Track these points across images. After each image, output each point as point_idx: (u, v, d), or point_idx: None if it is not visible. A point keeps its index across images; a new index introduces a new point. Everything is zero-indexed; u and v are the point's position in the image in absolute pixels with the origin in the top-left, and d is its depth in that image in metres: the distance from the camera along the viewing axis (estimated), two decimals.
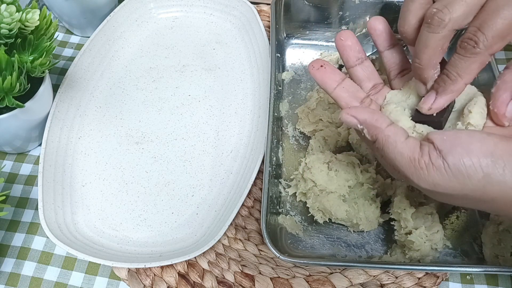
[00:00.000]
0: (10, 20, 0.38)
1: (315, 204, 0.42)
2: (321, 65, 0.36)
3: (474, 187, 0.28)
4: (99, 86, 0.53)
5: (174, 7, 0.59)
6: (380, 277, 0.41)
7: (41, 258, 0.43)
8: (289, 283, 0.41)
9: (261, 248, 0.44)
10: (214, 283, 0.41)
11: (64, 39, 0.59)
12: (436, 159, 0.28)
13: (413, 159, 0.29)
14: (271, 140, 0.44)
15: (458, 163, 0.28)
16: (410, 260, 0.40)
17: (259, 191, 0.46)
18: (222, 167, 0.47)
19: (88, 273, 0.42)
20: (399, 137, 0.30)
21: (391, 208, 0.42)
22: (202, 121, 0.51)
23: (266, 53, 0.52)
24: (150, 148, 0.49)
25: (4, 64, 0.39)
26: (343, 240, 0.43)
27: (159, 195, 0.46)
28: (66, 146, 0.48)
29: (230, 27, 0.58)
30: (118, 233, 0.43)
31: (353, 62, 0.37)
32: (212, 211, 0.44)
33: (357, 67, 0.37)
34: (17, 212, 0.45)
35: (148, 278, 0.41)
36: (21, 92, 0.40)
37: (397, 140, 0.30)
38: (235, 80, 0.54)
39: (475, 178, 0.28)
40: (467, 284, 0.41)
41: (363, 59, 0.37)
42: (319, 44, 0.57)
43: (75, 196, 0.45)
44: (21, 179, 0.47)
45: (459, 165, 0.28)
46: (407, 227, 0.40)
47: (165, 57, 0.56)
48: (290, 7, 0.55)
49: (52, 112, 0.47)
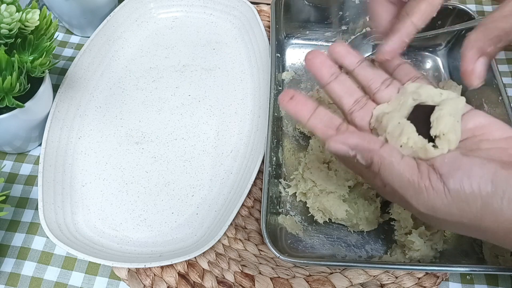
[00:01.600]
0: (10, 20, 0.38)
1: (315, 204, 0.42)
2: (291, 98, 0.34)
3: (472, 215, 0.27)
4: (99, 86, 0.53)
5: (174, 7, 0.59)
6: (380, 277, 0.41)
7: (41, 258, 0.43)
8: (289, 283, 0.41)
9: (261, 248, 0.44)
10: (214, 283, 0.41)
11: (64, 39, 0.59)
12: (436, 182, 0.28)
13: (412, 181, 0.28)
14: (271, 140, 0.44)
15: (458, 188, 0.27)
16: (410, 260, 0.40)
17: (259, 191, 0.46)
18: (222, 167, 0.47)
19: (88, 273, 0.42)
20: (395, 157, 0.29)
21: (391, 208, 0.42)
22: (202, 121, 0.51)
23: (266, 53, 0.52)
24: (150, 148, 0.49)
25: (4, 64, 0.39)
26: (343, 240, 0.43)
27: (159, 195, 0.46)
28: (66, 146, 0.48)
29: (230, 27, 0.58)
30: (118, 233, 0.43)
31: (327, 79, 0.35)
32: (212, 211, 0.44)
33: (333, 83, 0.35)
34: (17, 212, 0.45)
35: (148, 278, 0.41)
36: (21, 92, 0.40)
37: (393, 161, 0.29)
38: (235, 80, 0.54)
39: (474, 206, 0.27)
40: (467, 284, 0.41)
41: (337, 73, 0.35)
42: (319, 44, 0.57)
43: (75, 196, 0.45)
44: (21, 179, 0.47)
45: (459, 191, 0.27)
46: (407, 227, 0.40)
47: (165, 57, 0.56)
48: (290, 7, 0.55)
49: (52, 112, 0.47)
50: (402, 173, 0.29)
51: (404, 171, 0.29)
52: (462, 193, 0.27)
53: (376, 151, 0.30)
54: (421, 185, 0.28)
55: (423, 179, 0.28)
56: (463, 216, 0.28)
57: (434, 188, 0.28)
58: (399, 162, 0.29)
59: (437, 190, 0.28)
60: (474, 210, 0.27)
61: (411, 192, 0.29)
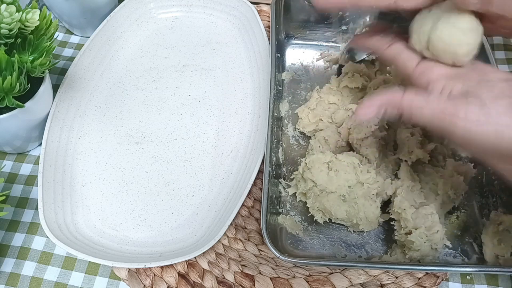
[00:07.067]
0: (10, 20, 0.38)
1: (315, 204, 0.42)
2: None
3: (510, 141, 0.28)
4: (99, 86, 0.53)
5: (174, 7, 0.59)
6: (380, 277, 0.41)
7: (41, 258, 0.43)
8: (289, 283, 0.41)
9: (261, 248, 0.44)
10: (214, 283, 0.41)
11: (64, 39, 0.59)
12: (476, 111, 0.29)
13: (444, 118, 0.30)
14: (271, 140, 0.44)
15: (501, 111, 0.28)
16: (410, 260, 0.40)
17: (259, 191, 0.46)
18: (222, 167, 0.47)
19: (88, 273, 0.42)
20: (420, 97, 0.31)
21: (391, 208, 0.42)
22: (202, 121, 0.51)
23: (266, 53, 0.52)
24: (150, 148, 0.49)
25: (4, 64, 0.39)
26: (343, 240, 0.43)
27: (159, 195, 0.46)
28: (66, 146, 0.48)
29: (230, 27, 0.58)
30: (118, 233, 0.43)
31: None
32: (212, 211, 0.44)
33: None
34: (17, 212, 0.45)
35: (148, 278, 0.41)
36: (21, 92, 0.40)
37: (419, 105, 0.31)
38: (235, 80, 0.54)
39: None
40: (467, 284, 0.41)
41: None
42: (319, 44, 0.57)
43: (75, 196, 0.45)
44: (21, 179, 0.47)
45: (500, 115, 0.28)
46: (407, 227, 0.40)
47: (165, 57, 0.56)
48: (290, 7, 0.55)
49: (52, 112, 0.47)
50: (433, 108, 0.30)
51: (434, 106, 0.30)
52: (503, 122, 0.28)
53: (401, 100, 0.31)
54: (458, 115, 0.29)
55: (459, 109, 0.29)
56: (502, 146, 0.28)
57: (472, 117, 0.29)
58: (427, 100, 0.30)
59: (476, 118, 0.29)
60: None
61: (446, 124, 0.30)
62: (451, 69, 0.33)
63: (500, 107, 0.29)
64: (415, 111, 0.31)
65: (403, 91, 0.31)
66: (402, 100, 0.31)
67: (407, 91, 0.32)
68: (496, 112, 0.29)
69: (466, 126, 0.29)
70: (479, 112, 0.29)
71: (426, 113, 0.31)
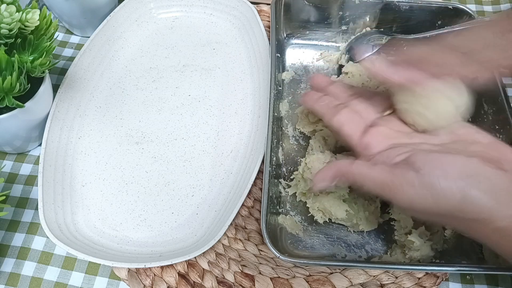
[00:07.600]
0: (10, 20, 0.38)
1: (315, 204, 0.42)
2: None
3: (451, 207, 0.30)
4: (99, 86, 0.53)
5: (174, 7, 0.59)
6: (380, 277, 0.41)
7: (41, 258, 0.43)
8: (289, 283, 0.41)
9: (261, 248, 0.44)
10: (214, 283, 0.41)
11: (64, 39, 0.59)
12: (412, 178, 0.30)
13: (386, 183, 0.32)
14: (271, 140, 0.44)
15: (434, 182, 0.30)
16: (410, 260, 0.40)
17: (259, 191, 0.46)
18: (222, 167, 0.47)
19: (88, 273, 0.42)
20: (366, 167, 0.33)
21: (391, 208, 0.42)
22: (202, 121, 0.51)
23: (266, 53, 0.52)
24: (150, 148, 0.49)
25: (4, 64, 0.39)
26: (343, 240, 0.43)
27: (159, 195, 0.46)
28: (66, 146, 0.48)
29: (230, 27, 0.58)
30: (118, 233, 0.43)
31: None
32: (212, 211, 0.44)
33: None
34: (17, 212, 0.45)
35: (148, 278, 0.41)
36: (21, 92, 0.40)
37: (364, 171, 0.33)
38: (235, 80, 0.54)
39: (453, 199, 0.29)
40: (467, 284, 0.41)
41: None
42: (319, 44, 0.57)
43: (75, 196, 0.45)
44: (21, 179, 0.47)
45: (435, 184, 0.30)
46: (407, 227, 0.40)
47: (165, 57, 0.56)
48: (290, 7, 0.55)
49: (52, 112, 0.47)
50: (375, 178, 0.32)
51: (376, 176, 0.32)
52: (437, 186, 0.29)
53: (349, 170, 0.34)
54: (395, 183, 0.31)
55: (396, 177, 0.31)
56: (440, 209, 0.30)
57: (408, 184, 0.30)
58: (370, 171, 0.33)
59: (412, 185, 0.30)
60: (454, 203, 0.29)
61: (387, 192, 0.32)
62: (397, 135, 0.36)
63: (436, 170, 0.30)
64: (361, 180, 0.33)
65: (353, 161, 0.34)
66: (351, 169, 0.34)
67: (356, 161, 0.34)
68: (430, 176, 0.30)
69: (404, 194, 0.31)
70: (415, 178, 0.30)
71: (369, 183, 0.33)
